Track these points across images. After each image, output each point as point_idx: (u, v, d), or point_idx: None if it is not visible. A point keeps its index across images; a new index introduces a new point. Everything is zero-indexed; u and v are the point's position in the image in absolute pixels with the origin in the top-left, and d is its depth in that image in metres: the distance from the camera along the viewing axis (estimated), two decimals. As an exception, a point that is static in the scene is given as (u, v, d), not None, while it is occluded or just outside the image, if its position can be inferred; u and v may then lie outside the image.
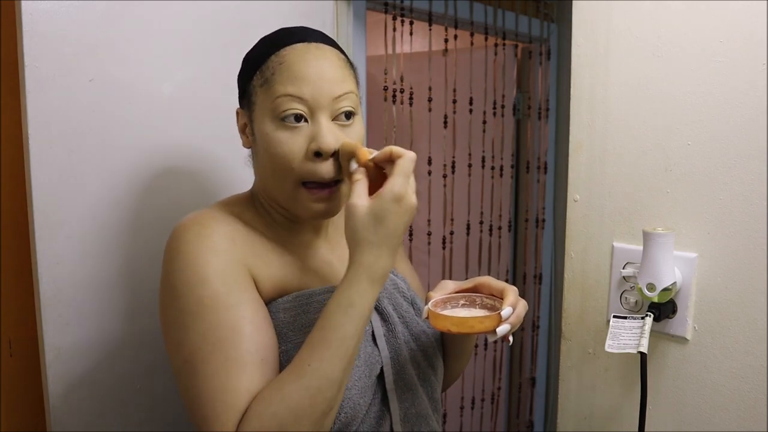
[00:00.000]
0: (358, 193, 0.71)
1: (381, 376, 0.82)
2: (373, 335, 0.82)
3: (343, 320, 0.69)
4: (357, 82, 0.84)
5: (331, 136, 0.76)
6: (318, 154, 0.76)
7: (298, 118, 0.76)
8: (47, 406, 0.98)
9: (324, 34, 0.84)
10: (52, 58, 0.94)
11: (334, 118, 0.78)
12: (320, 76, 0.77)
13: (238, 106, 0.86)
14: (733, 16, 0.89)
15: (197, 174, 1.13)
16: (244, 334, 0.71)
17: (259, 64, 0.80)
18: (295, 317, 0.78)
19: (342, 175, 0.78)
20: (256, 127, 0.80)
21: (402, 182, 0.69)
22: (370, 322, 0.81)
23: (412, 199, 0.70)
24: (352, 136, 0.79)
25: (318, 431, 0.68)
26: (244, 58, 0.84)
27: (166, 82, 1.07)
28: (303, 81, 0.76)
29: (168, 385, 1.10)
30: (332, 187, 0.79)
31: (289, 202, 0.81)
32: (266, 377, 0.71)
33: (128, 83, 1.03)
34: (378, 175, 0.74)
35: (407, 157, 0.71)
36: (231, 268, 0.75)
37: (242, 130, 0.85)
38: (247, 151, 0.88)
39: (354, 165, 0.74)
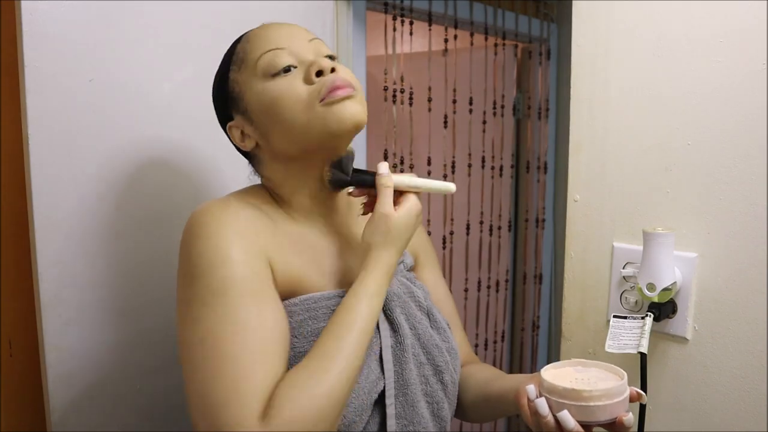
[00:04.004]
0: (389, 203, 0.78)
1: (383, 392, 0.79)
2: (380, 347, 0.79)
3: (367, 310, 0.72)
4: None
5: (323, 58, 0.78)
6: (319, 73, 0.77)
7: (287, 69, 0.77)
8: (47, 406, 0.98)
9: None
10: (52, 58, 0.94)
11: None
12: (286, 28, 0.82)
13: (222, 129, 0.85)
14: (733, 16, 0.89)
15: (198, 174, 1.13)
16: (267, 322, 0.69)
17: (228, 63, 0.83)
18: (301, 323, 0.75)
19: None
20: (251, 103, 0.79)
21: (417, 200, 0.81)
22: (378, 333, 0.79)
23: (420, 210, 0.82)
24: None
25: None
26: (213, 85, 0.85)
27: (166, 82, 1.07)
28: (275, 36, 0.80)
29: (168, 385, 1.10)
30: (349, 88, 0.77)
31: (320, 131, 0.76)
32: (285, 369, 0.69)
33: (128, 83, 1.03)
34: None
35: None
36: (254, 254, 0.72)
37: (241, 138, 0.82)
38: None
39: (383, 168, 0.80)
